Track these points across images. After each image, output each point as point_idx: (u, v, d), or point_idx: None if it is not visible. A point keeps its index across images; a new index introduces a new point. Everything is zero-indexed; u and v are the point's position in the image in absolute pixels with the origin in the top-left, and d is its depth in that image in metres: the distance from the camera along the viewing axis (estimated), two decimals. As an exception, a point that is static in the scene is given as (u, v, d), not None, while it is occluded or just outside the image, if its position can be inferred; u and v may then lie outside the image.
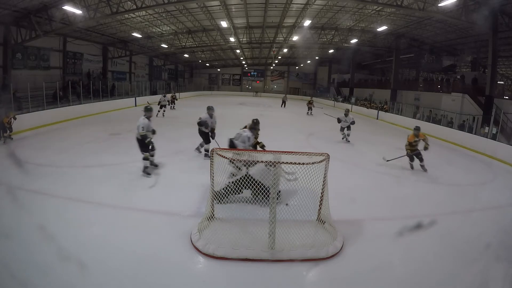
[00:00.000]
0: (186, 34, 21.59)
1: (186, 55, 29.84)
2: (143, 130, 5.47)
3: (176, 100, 18.62)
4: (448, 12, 12.66)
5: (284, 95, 25.81)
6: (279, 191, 4.47)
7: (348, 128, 9.63)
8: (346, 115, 9.55)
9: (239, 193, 4.05)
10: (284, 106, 22.60)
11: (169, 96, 16.76)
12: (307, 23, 17.01)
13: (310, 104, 19.09)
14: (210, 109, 7.05)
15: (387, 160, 6.96)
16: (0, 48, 12.79)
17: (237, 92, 37.67)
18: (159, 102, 14.15)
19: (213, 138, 6.85)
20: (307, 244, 3.27)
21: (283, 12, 16.95)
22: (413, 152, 6.67)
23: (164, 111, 14.11)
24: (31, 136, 8.48)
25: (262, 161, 3.52)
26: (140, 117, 5.63)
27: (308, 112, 18.75)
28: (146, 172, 5.60)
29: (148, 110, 5.74)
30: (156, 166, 6.05)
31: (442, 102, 16.80)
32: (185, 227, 3.63)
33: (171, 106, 17.06)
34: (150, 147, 5.70)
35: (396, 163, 7.19)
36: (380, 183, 5.86)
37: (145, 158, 5.62)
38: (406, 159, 6.86)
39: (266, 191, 3.57)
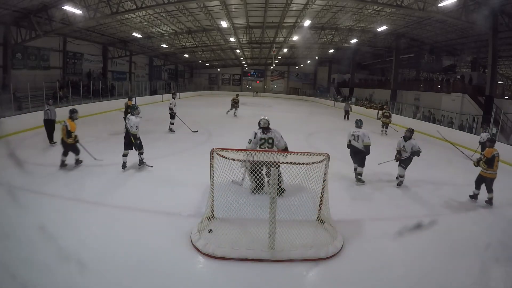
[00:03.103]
0: (186, 34, 21.60)
1: (186, 55, 29.85)
2: (136, 129, 5.74)
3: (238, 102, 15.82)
4: (448, 12, 12.67)
5: (345, 103, 20.14)
6: (284, 190, 4.47)
7: (406, 163, 5.69)
8: (407, 137, 5.72)
9: (260, 178, 4.20)
10: (348, 118, 17.16)
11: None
12: (307, 23, 17.01)
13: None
14: (358, 122, 5.83)
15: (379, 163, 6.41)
16: (0, 48, 12.80)
17: (237, 92, 37.66)
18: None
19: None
20: (307, 244, 3.27)
21: (283, 12, 16.95)
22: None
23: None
24: (31, 136, 8.48)
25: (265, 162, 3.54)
26: (131, 116, 5.82)
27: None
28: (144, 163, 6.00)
29: (136, 108, 6.06)
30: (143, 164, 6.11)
31: (442, 102, 16.81)
32: (185, 227, 3.63)
33: (234, 112, 15.57)
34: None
35: (394, 162, 7.16)
36: (380, 183, 5.86)
37: (141, 153, 5.99)
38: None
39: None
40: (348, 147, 5.97)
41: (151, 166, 6.07)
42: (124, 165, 5.83)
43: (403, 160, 5.64)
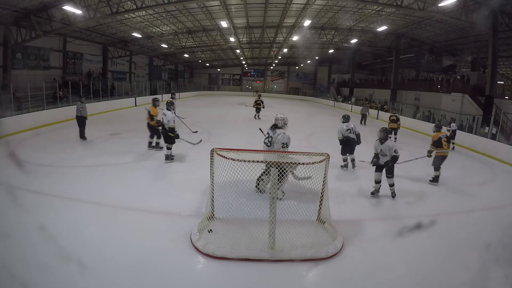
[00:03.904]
0: (186, 34, 21.61)
1: (186, 55, 29.85)
2: (174, 123, 6.19)
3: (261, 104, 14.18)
4: (448, 12, 12.68)
5: (362, 106, 17.17)
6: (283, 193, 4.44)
7: (389, 172, 4.96)
8: (383, 139, 4.96)
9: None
10: (365, 123, 14.43)
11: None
12: (307, 23, 17.01)
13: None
14: (348, 117, 6.59)
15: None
16: (0, 48, 12.80)
17: (237, 92, 37.69)
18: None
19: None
20: (307, 244, 3.27)
21: (283, 12, 16.96)
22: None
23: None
24: (31, 136, 8.48)
25: (266, 162, 3.51)
26: (166, 110, 6.28)
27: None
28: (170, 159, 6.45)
29: (171, 104, 6.55)
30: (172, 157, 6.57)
31: (442, 102, 16.82)
32: (185, 227, 3.63)
33: (256, 115, 14.14)
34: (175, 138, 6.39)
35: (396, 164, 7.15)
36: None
37: (169, 148, 6.37)
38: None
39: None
40: (342, 141, 6.51)
41: (200, 141, 7.58)
42: (166, 157, 6.44)
43: (388, 169, 4.94)
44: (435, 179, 5.97)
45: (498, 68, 18.75)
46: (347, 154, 6.54)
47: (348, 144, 6.46)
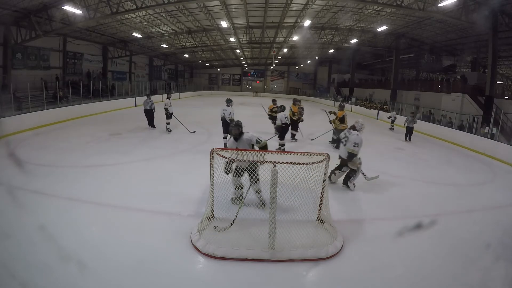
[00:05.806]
0: (186, 34, 21.62)
1: (186, 55, 29.87)
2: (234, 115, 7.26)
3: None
4: (448, 12, 12.68)
5: (407, 116, 11.95)
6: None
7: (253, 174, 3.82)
8: (237, 135, 4.20)
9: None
10: (409, 138, 11.07)
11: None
12: (307, 23, 17.01)
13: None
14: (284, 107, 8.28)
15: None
16: (0, 48, 12.81)
17: (237, 92, 37.69)
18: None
19: None
20: (307, 244, 3.27)
21: (283, 12, 16.96)
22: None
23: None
24: (31, 136, 8.48)
25: (270, 162, 3.49)
26: (227, 106, 7.43)
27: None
28: None
29: (230, 101, 7.62)
30: None
31: (442, 102, 16.81)
32: (185, 227, 3.63)
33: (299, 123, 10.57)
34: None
35: (394, 162, 7.17)
36: (380, 183, 5.86)
37: (225, 137, 7.42)
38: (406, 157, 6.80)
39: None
40: (280, 128, 7.76)
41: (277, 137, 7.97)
42: (225, 146, 7.12)
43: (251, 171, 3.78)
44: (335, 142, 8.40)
45: (498, 68, 18.74)
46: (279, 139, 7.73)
47: (284, 130, 7.77)
